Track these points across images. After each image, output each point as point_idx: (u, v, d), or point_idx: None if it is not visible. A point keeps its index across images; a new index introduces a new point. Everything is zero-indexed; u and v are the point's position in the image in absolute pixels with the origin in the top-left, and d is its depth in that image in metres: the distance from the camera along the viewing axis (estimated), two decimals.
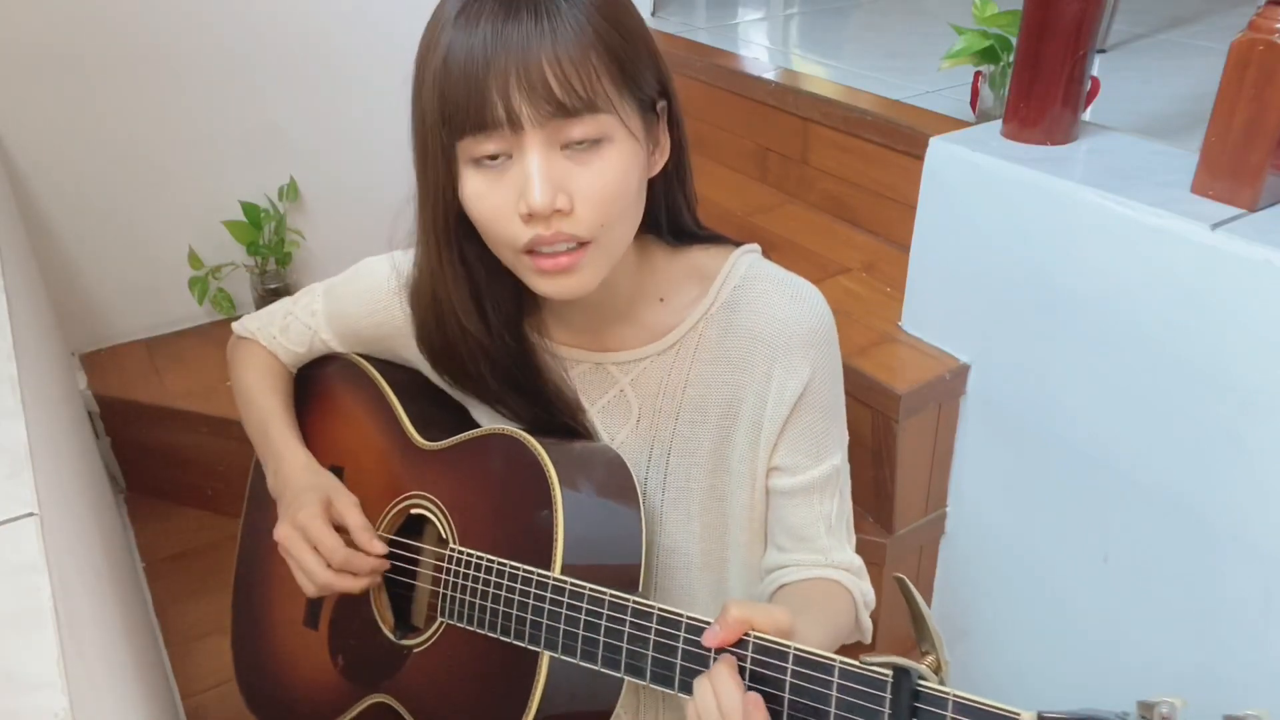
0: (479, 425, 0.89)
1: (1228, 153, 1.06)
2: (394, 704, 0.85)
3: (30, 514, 0.67)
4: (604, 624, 0.70)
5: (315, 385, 1.00)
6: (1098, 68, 1.54)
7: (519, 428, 0.83)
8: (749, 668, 0.64)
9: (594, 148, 0.68)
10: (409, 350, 0.90)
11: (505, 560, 0.77)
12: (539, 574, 0.74)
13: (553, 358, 0.84)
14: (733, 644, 0.64)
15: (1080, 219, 1.14)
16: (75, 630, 0.66)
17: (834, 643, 0.80)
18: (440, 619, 0.83)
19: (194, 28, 1.72)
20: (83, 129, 1.69)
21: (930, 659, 0.67)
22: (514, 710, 0.74)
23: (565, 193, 0.68)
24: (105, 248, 1.79)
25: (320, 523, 0.83)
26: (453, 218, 0.74)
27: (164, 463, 1.78)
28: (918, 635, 0.69)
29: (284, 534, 0.84)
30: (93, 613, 0.84)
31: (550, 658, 0.74)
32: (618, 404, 0.86)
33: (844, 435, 0.87)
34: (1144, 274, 1.10)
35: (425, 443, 0.89)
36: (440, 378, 0.89)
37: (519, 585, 0.75)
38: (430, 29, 0.69)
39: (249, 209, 1.84)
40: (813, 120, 1.70)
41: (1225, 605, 1.13)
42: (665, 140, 0.77)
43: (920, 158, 1.33)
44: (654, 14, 2.24)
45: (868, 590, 0.86)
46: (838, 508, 0.86)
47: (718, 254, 0.85)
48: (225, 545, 1.70)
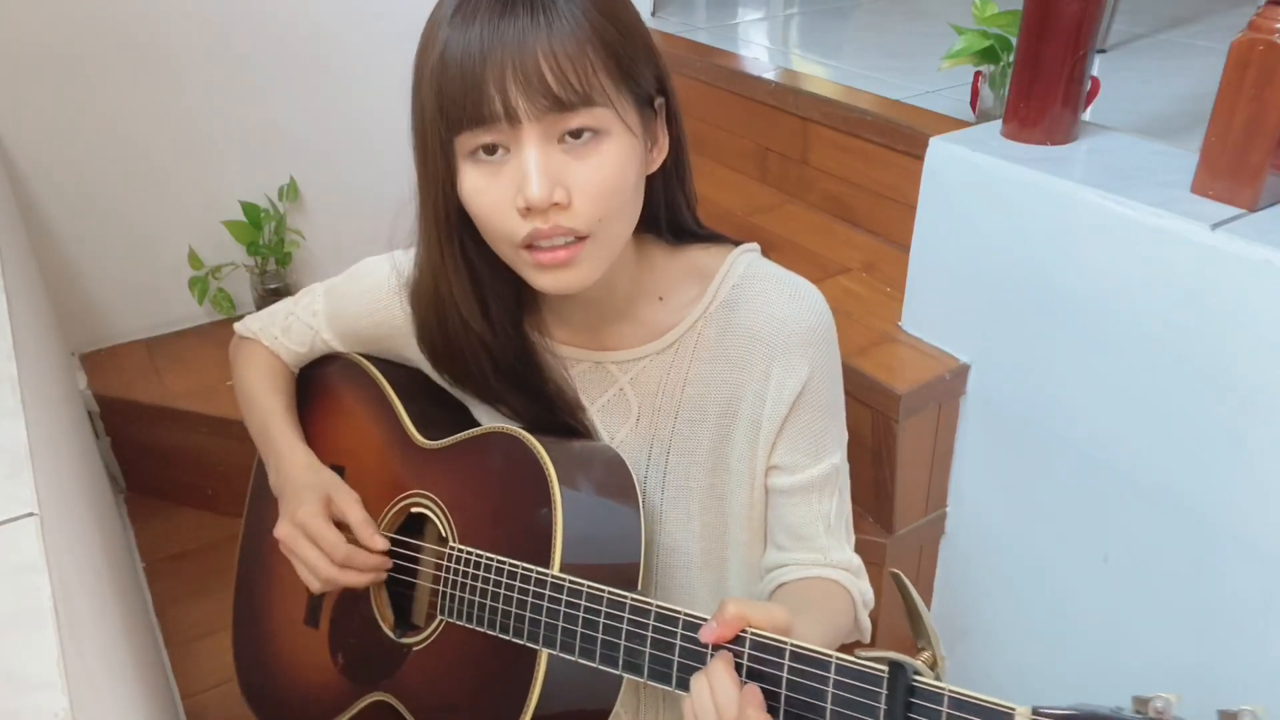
0: (479, 424, 0.89)
1: (1228, 153, 1.06)
2: (394, 702, 0.85)
3: (30, 514, 0.67)
4: (602, 621, 0.70)
5: (316, 385, 1.00)
6: (1098, 68, 1.54)
7: (519, 426, 0.83)
8: (746, 664, 0.64)
9: (591, 142, 0.69)
10: (410, 349, 0.90)
11: (504, 558, 0.77)
12: (538, 571, 0.74)
13: (553, 357, 0.85)
14: (729, 640, 0.64)
15: (1080, 219, 1.14)
16: (75, 630, 0.66)
17: (833, 642, 0.80)
18: (439, 617, 0.83)
19: (194, 28, 1.72)
20: (83, 129, 1.69)
21: (926, 654, 0.67)
22: (512, 708, 0.74)
23: (563, 186, 0.68)
24: (105, 248, 1.79)
25: (320, 520, 0.83)
26: (453, 214, 0.74)
27: (164, 463, 1.78)
28: (914, 631, 0.69)
29: (285, 532, 0.84)
30: (93, 613, 0.84)
31: (549, 655, 0.74)
32: (617, 403, 0.86)
33: (843, 434, 0.87)
34: (1144, 274, 1.10)
35: (425, 442, 0.89)
36: (441, 376, 0.90)
37: (517, 583, 0.75)
38: (428, 27, 0.70)
39: (249, 209, 1.84)
40: (813, 120, 1.70)
41: (1225, 605, 1.13)
42: (664, 137, 0.77)
43: (920, 158, 1.33)
44: (654, 14, 2.24)
45: (866, 589, 0.86)
46: (837, 507, 0.86)
47: (717, 253, 0.85)
48: (225, 545, 1.71)
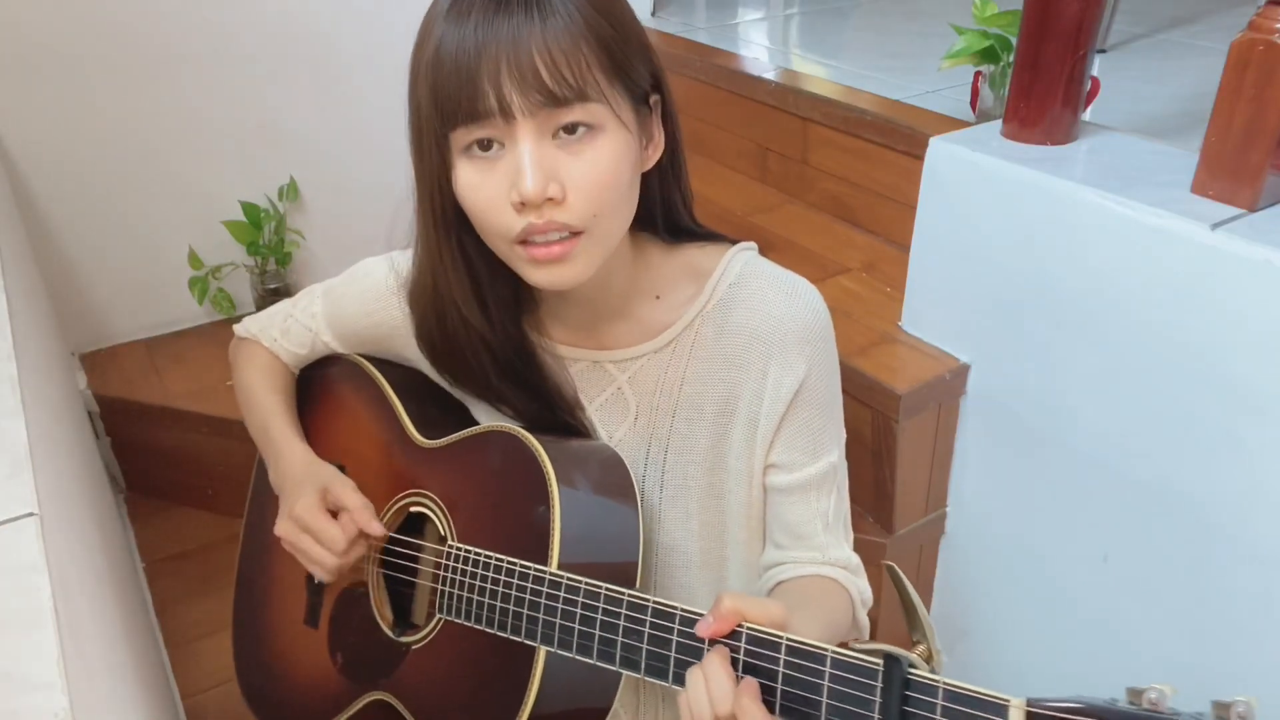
0: (479, 424, 0.89)
1: (1228, 153, 1.06)
2: (393, 701, 0.85)
3: (30, 514, 0.67)
4: (599, 618, 0.71)
5: (316, 385, 1.00)
6: (1098, 68, 1.54)
7: (518, 425, 0.83)
8: (742, 659, 0.64)
9: (586, 137, 0.69)
10: (409, 349, 0.90)
11: (502, 556, 0.77)
12: (535, 569, 0.74)
13: (551, 356, 0.85)
14: (725, 635, 0.64)
15: (1080, 219, 1.14)
16: (75, 630, 0.66)
17: (830, 639, 0.79)
18: (438, 615, 0.83)
19: (194, 28, 1.72)
20: (83, 129, 1.69)
21: (922, 648, 0.67)
22: (510, 706, 0.74)
23: (557, 181, 0.68)
24: (105, 248, 1.79)
25: (317, 511, 0.83)
26: (450, 210, 0.74)
27: (164, 463, 1.78)
28: (909, 624, 0.69)
29: (284, 528, 0.85)
30: (93, 613, 0.84)
31: (546, 653, 0.74)
32: (615, 402, 0.86)
33: (841, 433, 0.87)
34: (1144, 274, 1.10)
35: (425, 441, 0.89)
36: (440, 375, 0.90)
37: (515, 580, 0.75)
38: (424, 23, 0.70)
39: (249, 209, 1.84)
40: (813, 120, 1.70)
41: (1225, 604, 1.13)
42: (659, 135, 0.77)
43: (920, 158, 1.33)
44: (654, 14, 2.24)
45: (865, 588, 0.86)
46: (835, 505, 0.86)
47: (713, 252, 0.85)
48: (225, 545, 1.71)
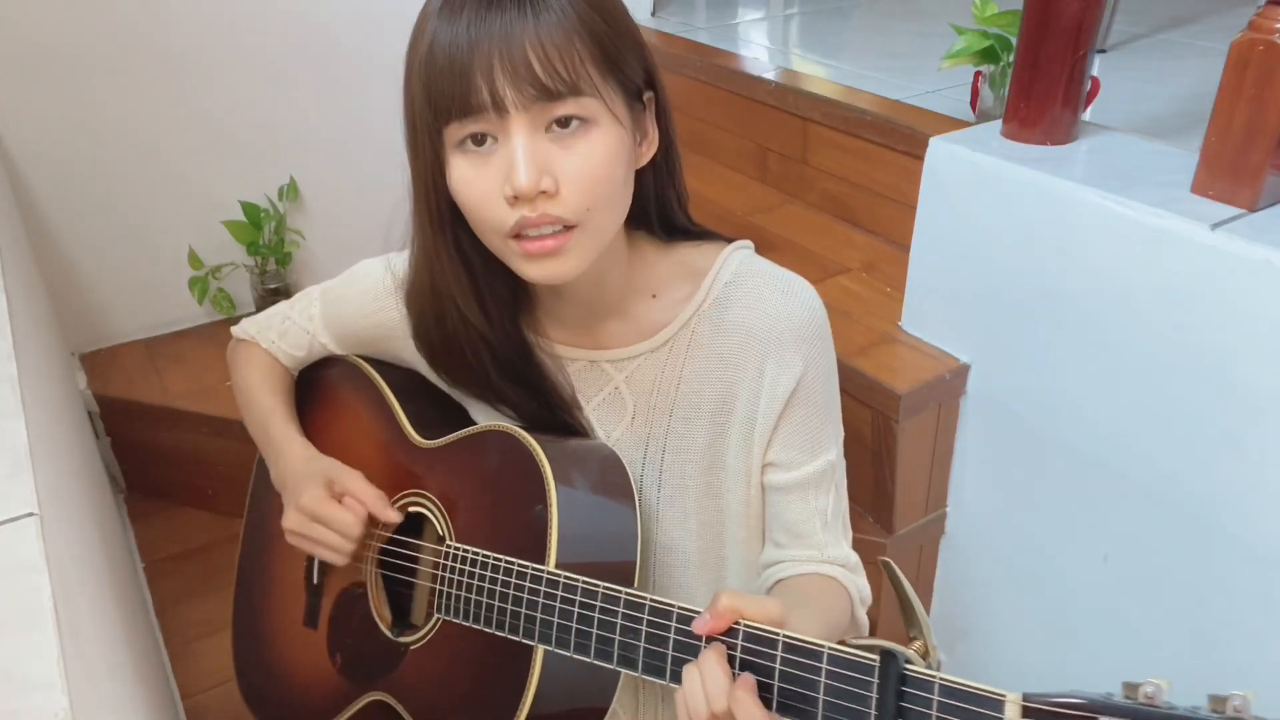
0: (477, 424, 0.88)
1: (1228, 153, 1.06)
2: (391, 701, 0.85)
3: (30, 514, 0.67)
4: (597, 616, 0.71)
5: (314, 386, 1.00)
6: (1098, 68, 1.54)
7: (516, 425, 0.83)
8: (739, 656, 0.64)
9: (579, 131, 0.69)
10: (406, 350, 0.90)
11: (499, 555, 0.77)
12: (533, 568, 0.74)
13: (549, 356, 0.85)
14: (722, 632, 0.64)
15: (1080, 219, 1.14)
16: (75, 630, 0.66)
17: (829, 638, 0.80)
18: (436, 615, 0.83)
19: (194, 28, 1.72)
20: (83, 129, 1.69)
21: (918, 644, 0.67)
22: (508, 705, 0.74)
23: (550, 175, 0.68)
24: (105, 248, 1.79)
25: (325, 501, 0.84)
26: (446, 207, 0.74)
27: (164, 463, 1.78)
28: (905, 620, 0.69)
29: (291, 520, 0.85)
30: (93, 613, 0.84)
31: (544, 652, 0.74)
32: (612, 401, 0.86)
33: (839, 431, 0.87)
34: (1144, 274, 1.10)
35: (423, 441, 0.89)
36: (438, 375, 0.90)
37: (513, 580, 0.75)
38: (418, 19, 0.70)
39: (249, 209, 1.84)
40: (813, 120, 1.70)
41: (1225, 604, 1.13)
42: (653, 132, 0.77)
43: (920, 158, 1.33)
44: (654, 14, 2.24)
45: (864, 586, 0.86)
46: (833, 503, 0.86)
47: (709, 250, 0.85)
48: (225, 545, 1.71)
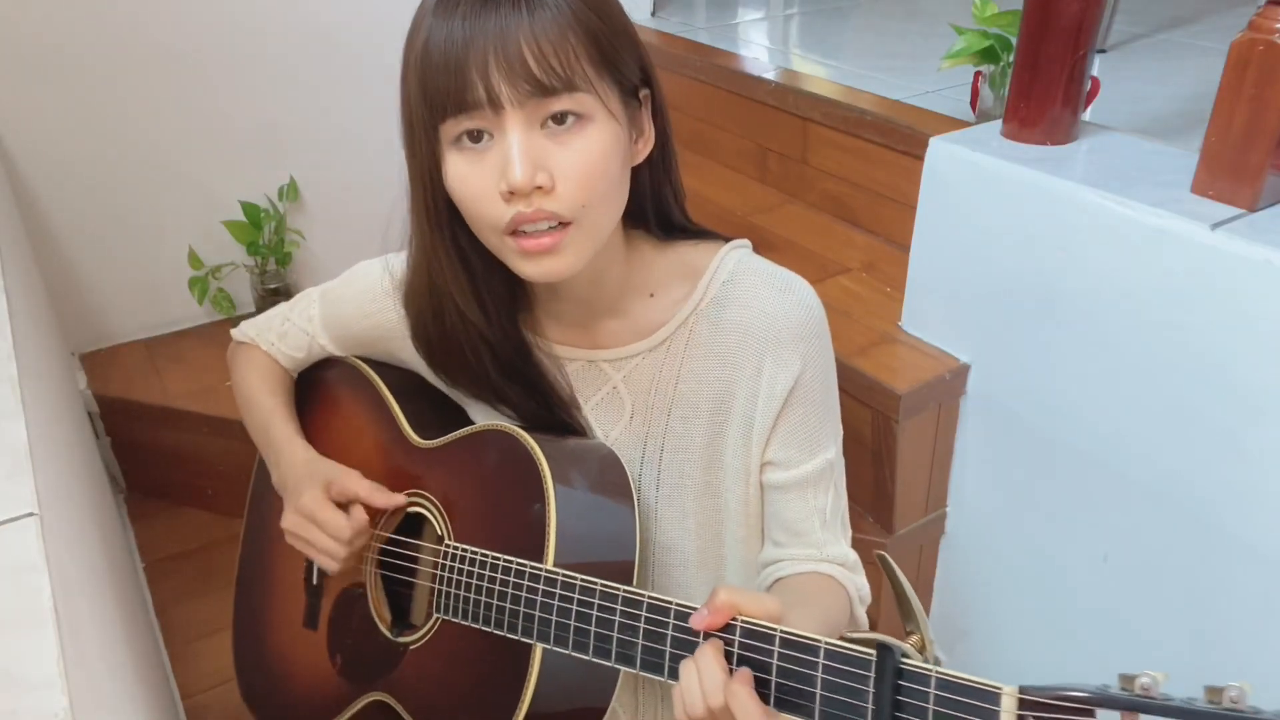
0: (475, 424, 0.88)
1: (1228, 153, 1.06)
2: (391, 702, 0.85)
3: (30, 514, 0.67)
4: (595, 614, 0.71)
5: (314, 388, 1.00)
6: (1098, 68, 1.54)
7: (515, 424, 0.83)
8: (736, 652, 0.64)
9: (574, 127, 0.69)
10: (405, 350, 0.90)
11: (498, 554, 0.77)
12: (531, 566, 0.74)
13: (547, 356, 0.85)
14: (720, 628, 0.64)
15: (1080, 219, 1.14)
16: (75, 630, 0.66)
17: (828, 635, 0.80)
18: (435, 615, 0.83)
19: (194, 28, 1.72)
20: (83, 129, 1.70)
21: (915, 638, 0.67)
22: (507, 704, 0.74)
23: (545, 170, 0.68)
24: (105, 248, 1.79)
25: (323, 503, 0.84)
26: (443, 205, 0.74)
27: (164, 463, 1.79)
28: (902, 614, 0.69)
29: (290, 521, 0.85)
30: (93, 613, 0.84)
31: (543, 651, 0.74)
32: (611, 401, 0.86)
33: (838, 429, 0.87)
34: (1144, 274, 1.10)
35: (421, 441, 0.89)
36: (437, 375, 0.90)
37: (511, 579, 0.75)
38: (414, 19, 0.70)
39: (249, 209, 1.84)
40: (813, 120, 1.70)
41: (1225, 605, 1.13)
42: (650, 129, 0.77)
43: (920, 158, 1.33)
44: (654, 14, 2.24)
45: (862, 585, 0.86)
46: (832, 502, 0.86)
47: (707, 249, 0.85)
48: (225, 545, 1.71)
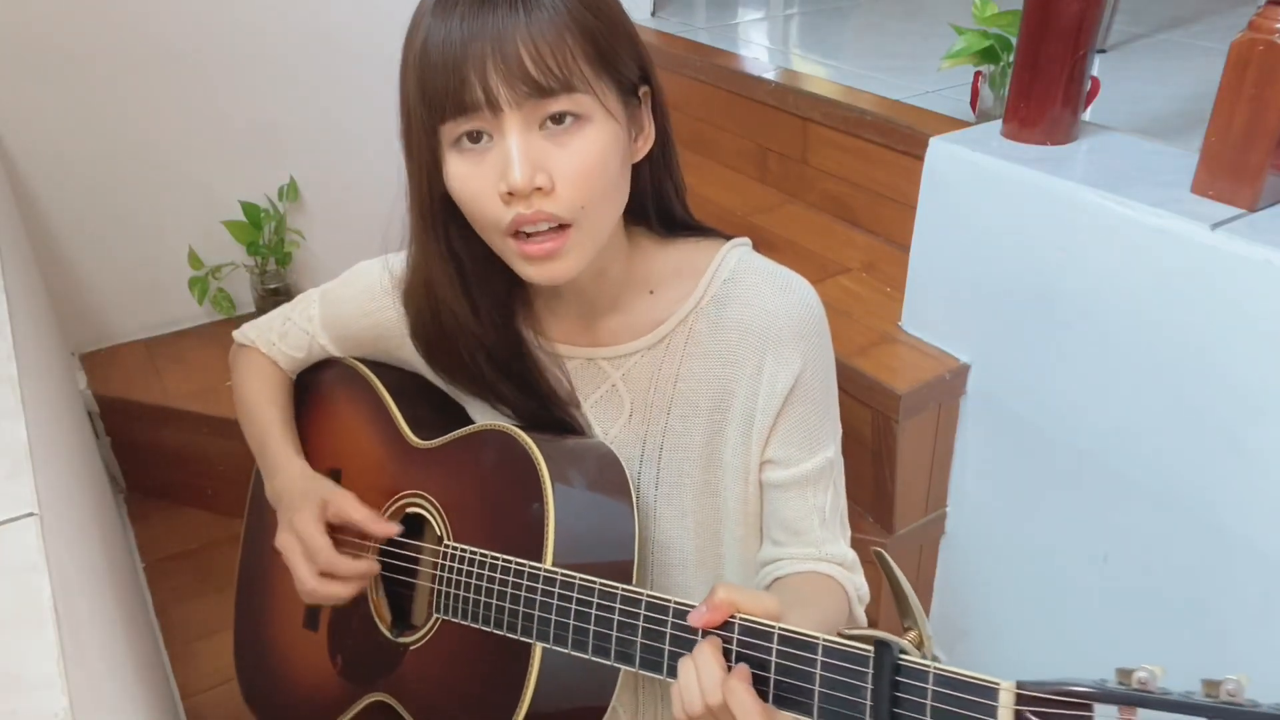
0: (474, 423, 0.88)
1: (1228, 153, 1.06)
2: (392, 702, 0.85)
3: (30, 514, 0.67)
4: (594, 613, 0.71)
5: (312, 389, 1.00)
6: (1098, 68, 1.54)
7: (512, 424, 0.83)
8: (735, 649, 0.64)
9: (573, 127, 0.69)
10: (404, 350, 0.90)
11: (497, 554, 0.77)
12: (530, 566, 0.74)
13: (546, 354, 0.85)
14: (718, 625, 0.64)
15: (1080, 219, 1.14)
16: (75, 630, 0.66)
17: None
18: (435, 615, 0.83)
19: (194, 28, 1.72)
20: (83, 129, 1.70)
21: (912, 634, 0.67)
22: (507, 704, 0.74)
23: (545, 171, 0.68)
24: (105, 248, 1.79)
25: (313, 526, 0.84)
26: (438, 203, 0.74)
27: (164, 463, 1.79)
28: (899, 610, 0.69)
29: (283, 541, 0.85)
30: (93, 613, 0.84)
31: (543, 651, 0.74)
32: (610, 399, 0.86)
33: (837, 428, 0.87)
34: (1144, 274, 1.10)
35: (420, 442, 0.89)
36: (436, 374, 0.90)
37: (510, 578, 0.75)
38: (413, 19, 0.71)
39: (249, 209, 1.84)
40: (813, 120, 1.70)
41: (1225, 605, 1.13)
42: (650, 126, 0.77)
43: (920, 158, 1.33)
44: (654, 14, 2.24)
45: (861, 584, 0.86)
46: (831, 500, 0.86)
47: (708, 247, 0.85)
48: (225, 545, 1.71)
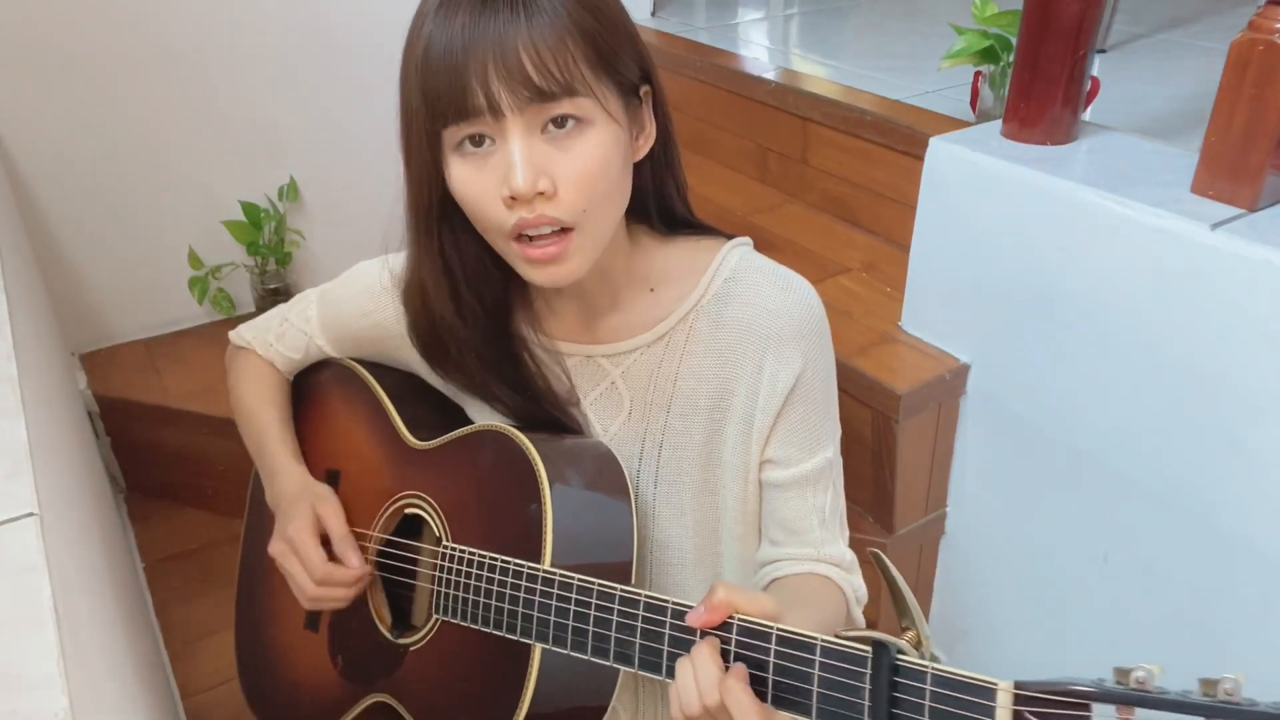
0: (472, 424, 0.88)
1: (1228, 153, 1.06)
2: (392, 703, 0.85)
3: (30, 514, 0.67)
4: (592, 613, 0.71)
5: (310, 390, 1.00)
6: (1098, 68, 1.54)
7: (510, 424, 0.83)
8: (733, 650, 0.64)
9: (574, 131, 0.69)
10: (403, 351, 0.90)
11: (495, 555, 0.77)
12: (529, 567, 0.74)
13: (545, 352, 0.85)
14: (717, 625, 0.64)
15: (1080, 219, 1.14)
16: (75, 630, 0.66)
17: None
18: (434, 616, 0.83)
19: (194, 28, 1.72)
20: (83, 129, 1.69)
21: (910, 634, 0.67)
22: (507, 704, 0.74)
23: (547, 176, 0.69)
24: (105, 248, 1.79)
25: (307, 535, 0.84)
26: (434, 206, 0.75)
27: (164, 463, 1.79)
28: (897, 610, 0.69)
29: (276, 548, 0.85)
30: (93, 613, 0.84)
31: (542, 651, 0.74)
32: (609, 396, 0.86)
33: (837, 428, 0.87)
34: (1144, 274, 1.10)
35: (418, 442, 0.89)
36: (434, 372, 0.90)
37: (509, 579, 0.75)
38: (414, 22, 0.71)
39: (249, 209, 1.84)
40: (813, 120, 1.70)
41: (1225, 605, 1.13)
42: (651, 125, 0.78)
43: (920, 158, 1.33)
44: (654, 14, 2.24)
45: (859, 585, 0.86)
46: (831, 500, 0.86)
47: (709, 246, 0.85)
48: (225, 545, 1.71)
